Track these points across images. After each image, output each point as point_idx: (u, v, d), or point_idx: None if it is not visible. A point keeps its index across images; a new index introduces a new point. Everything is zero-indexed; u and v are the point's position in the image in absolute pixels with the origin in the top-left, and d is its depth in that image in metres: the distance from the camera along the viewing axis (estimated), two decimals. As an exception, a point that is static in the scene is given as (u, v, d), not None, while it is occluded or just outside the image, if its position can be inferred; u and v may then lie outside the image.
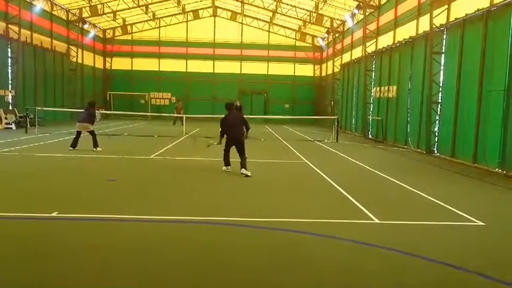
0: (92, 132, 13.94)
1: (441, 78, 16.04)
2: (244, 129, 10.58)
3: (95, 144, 13.79)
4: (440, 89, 16.02)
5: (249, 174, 10.04)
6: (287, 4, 32.85)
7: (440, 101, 16.04)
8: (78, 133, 13.90)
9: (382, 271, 4.65)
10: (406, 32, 20.04)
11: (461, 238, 5.97)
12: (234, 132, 10.45)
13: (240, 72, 40.28)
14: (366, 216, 6.77)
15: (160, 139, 18.63)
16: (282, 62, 40.34)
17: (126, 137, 19.84)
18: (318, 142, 19.81)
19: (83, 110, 14.86)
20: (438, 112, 16.09)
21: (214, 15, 39.93)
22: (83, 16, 32.68)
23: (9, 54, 23.83)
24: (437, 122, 16.14)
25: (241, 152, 10.40)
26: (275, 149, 16.48)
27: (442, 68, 15.99)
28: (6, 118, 22.25)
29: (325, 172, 10.84)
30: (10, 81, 23.91)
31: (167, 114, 29.96)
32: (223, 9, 39.17)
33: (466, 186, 10.19)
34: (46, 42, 28.50)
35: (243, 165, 10.20)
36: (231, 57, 40.02)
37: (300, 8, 32.67)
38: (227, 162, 10.87)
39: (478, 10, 13.44)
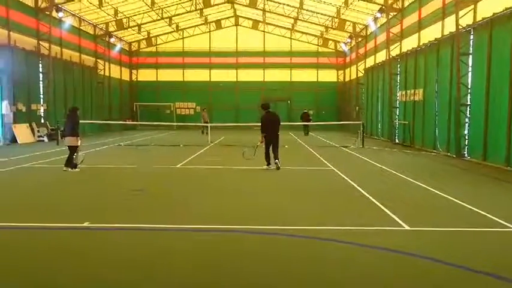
0: (73, 149, 11.38)
1: (469, 80, 15.64)
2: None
3: (69, 163, 11.32)
4: (469, 91, 15.62)
5: (279, 165, 12.17)
6: (308, 10, 32.84)
7: (469, 103, 15.63)
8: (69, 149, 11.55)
9: (415, 280, 4.53)
10: (431, 33, 19.66)
11: (495, 245, 5.77)
12: (270, 130, 12.33)
13: (263, 80, 40.42)
14: (396, 223, 6.63)
15: (187, 148, 18.86)
16: (305, 68, 40.28)
17: (152, 147, 20.18)
18: (343, 148, 19.60)
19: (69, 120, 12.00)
20: (467, 114, 15.67)
21: (236, 24, 40.34)
22: (110, 30, 33.63)
23: (41, 70, 24.74)
24: (466, 124, 15.71)
25: (274, 147, 12.36)
26: (300, 156, 16.41)
27: (470, 69, 15.60)
28: (38, 131, 23.04)
29: (352, 178, 10.70)
30: (42, 96, 24.79)
31: (193, 124, 30.37)
32: (245, 18, 39.52)
33: (499, 191, 9.85)
34: (75, 56, 29.44)
35: (276, 157, 12.34)
36: (254, 65, 40.24)
37: (322, 14, 32.59)
38: (268, 162, 12.40)
39: (506, 9, 13.07)
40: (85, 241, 5.82)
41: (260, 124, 12.58)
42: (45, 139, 22.71)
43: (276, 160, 12.28)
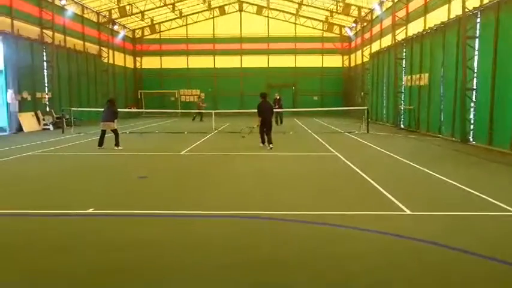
0: (115, 131, 14.04)
1: (475, 64, 15.44)
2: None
3: (117, 143, 13.86)
4: (475, 75, 15.43)
5: (272, 147, 13.69)
6: (313, -5, 32.45)
7: (475, 87, 15.46)
8: (103, 132, 13.97)
9: (416, 264, 4.56)
10: (437, 17, 19.38)
11: (498, 229, 5.76)
12: (265, 115, 13.95)
13: (268, 66, 40.21)
14: (397, 207, 6.64)
15: (191, 135, 18.91)
16: (310, 54, 39.96)
17: (157, 134, 20.25)
18: (348, 134, 19.55)
19: (103, 109, 14.79)
20: (473, 99, 15.52)
21: (240, 10, 39.98)
22: (113, 17, 33.49)
23: (45, 58, 24.76)
24: (472, 109, 15.57)
25: (268, 131, 14.00)
26: (304, 142, 16.40)
27: (476, 53, 15.39)
28: (44, 119, 23.19)
29: (355, 164, 10.69)
30: (46, 84, 24.86)
31: (196, 111, 30.36)
32: (249, 3, 39.14)
33: (503, 175, 9.80)
34: (78, 44, 29.42)
35: (269, 141, 13.92)
36: (258, 51, 39.99)
37: (327, -2, 32.19)
38: (263, 140, 14.12)
39: (514, -10, 12.83)
40: (89, 227, 5.90)
41: (257, 110, 14.09)
42: (51, 127, 22.85)
43: (271, 144, 13.77)
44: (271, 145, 13.75)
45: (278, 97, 25.30)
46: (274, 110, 24.16)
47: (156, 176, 9.61)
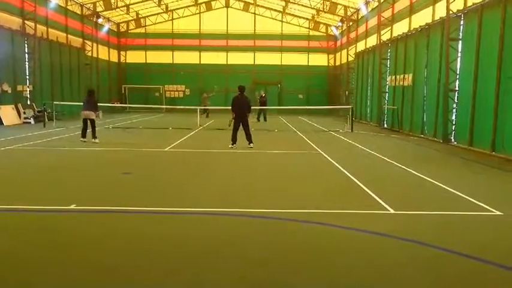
0: (93, 123, 14.11)
1: (458, 65, 15.70)
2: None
3: (94, 135, 13.97)
4: (458, 76, 15.70)
5: (252, 146, 13.13)
6: (300, -7, 32.49)
7: (457, 88, 15.73)
8: (85, 123, 14.04)
9: (400, 262, 4.61)
10: (422, 18, 19.63)
11: (478, 228, 5.89)
12: (240, 111, 13.12)
13: (254, 63, 40.11)
14: (381, 206, 6.71)
15: (175, 131, 18.77)
16: (296, 52, 40.02)
17: (141, 130, 20.04)
18: (332, 132, 19.68)
19: (84, 101, 14.77)
20: (455, 100, 15.79)
21: (227, 6, 39.77)
22: (97, 10, 32.93)
23: (26, 50, 24.20)
24: (454, 110, 15.84)
25: (245, 128, 13.16)
26: (289, 140, 16.44)
27: (459, 54, 15.65)
28: (24, 113, 22.68)
29: (339, 162, 10.77)
30: (28, 77, 24.31)
31: (182, 107, 30.12)
32: (236, -1, 39.01)
33: (483, 175, 10.02)
34: (61, 37, 28.84)
35: (249, 139, 13.22)
36: (244, 48, 39.85)
37: (313, -3, 32.27)
38: (234, 140, 13.10)
39: (497, -6, 13.07)
40: (71, 224, 5.80)
41: (231, 104, 13.44)
42: (32, 121, 22.37)
43: (251, 144, 13.23)
44: (251, 144, 13.22)
45: (263, 94, 25.83)
46: (259, 107, 25.17)
47: (140, 172, 9.51)
